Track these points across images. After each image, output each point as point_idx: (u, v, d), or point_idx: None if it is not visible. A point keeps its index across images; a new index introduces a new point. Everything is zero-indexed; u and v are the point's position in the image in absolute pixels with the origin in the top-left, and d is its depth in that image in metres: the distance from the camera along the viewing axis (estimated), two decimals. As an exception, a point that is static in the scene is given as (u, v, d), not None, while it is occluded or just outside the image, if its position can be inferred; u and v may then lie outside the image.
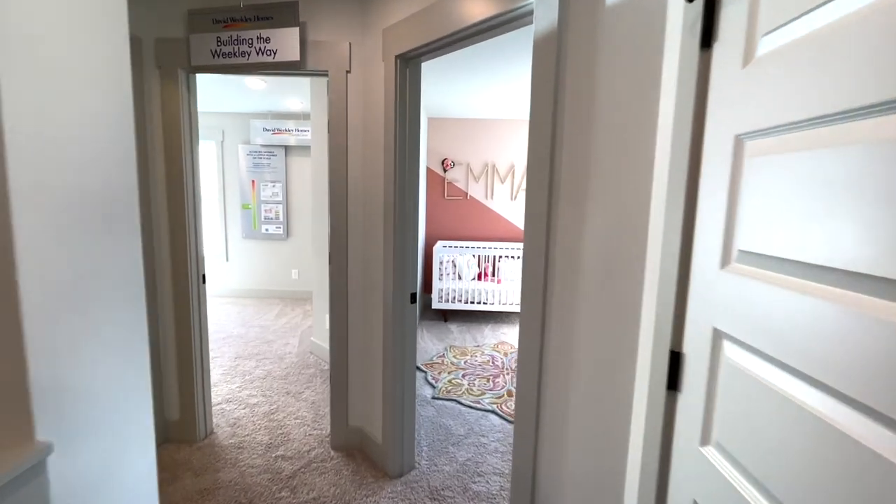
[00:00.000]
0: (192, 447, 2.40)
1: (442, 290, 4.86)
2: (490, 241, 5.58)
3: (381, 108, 2.06)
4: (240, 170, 5.56)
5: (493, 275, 5.42)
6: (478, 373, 3.53)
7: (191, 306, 2.35)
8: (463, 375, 3.46)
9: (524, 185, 5.75)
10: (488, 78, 3.60)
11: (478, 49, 3.04)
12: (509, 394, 3.15)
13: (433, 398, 3.09)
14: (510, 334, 4.56)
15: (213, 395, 3.04)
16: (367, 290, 2.28)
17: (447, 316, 4.97)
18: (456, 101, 4.54)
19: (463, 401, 3.04)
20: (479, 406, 2.97)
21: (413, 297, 2.20)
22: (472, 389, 3.22)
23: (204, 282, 2.46)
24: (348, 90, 2.18)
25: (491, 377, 3.44)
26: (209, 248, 5.83)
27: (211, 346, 3.99)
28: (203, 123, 5.51)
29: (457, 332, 4.57)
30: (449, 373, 3.52)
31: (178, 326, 2.37)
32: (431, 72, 3.52)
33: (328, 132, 2.21)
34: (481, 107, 4.79)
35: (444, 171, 5.53)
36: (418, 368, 3.59)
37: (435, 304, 4.87)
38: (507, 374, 3.52)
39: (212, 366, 3.55)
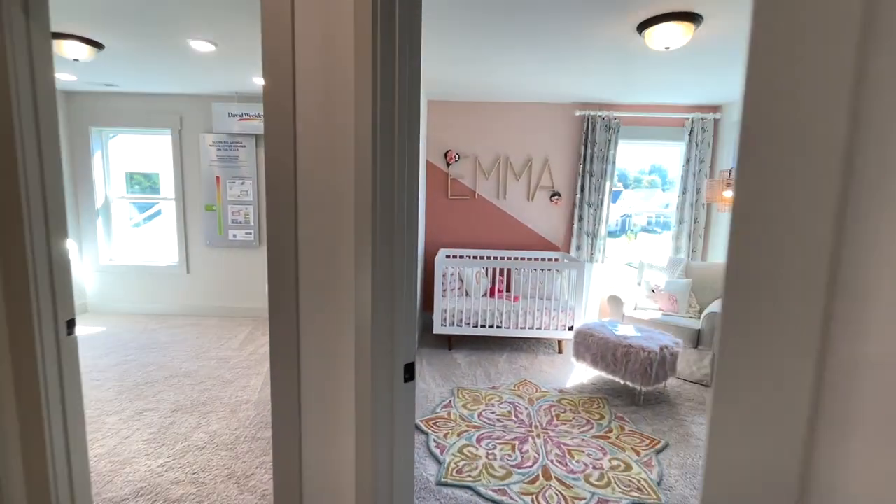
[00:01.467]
0: None
1: (446, 310, 3.94)
2: (503, 250, 4.67)
3: (349, 40, 1.13)
4: (201, 164, 4.62)
5: (508, 290, 4.50)
6: (498, 434, 2.61)
7: (39, 374, 1.42)
8: (478, 440, 2.54)
9: (543, 182, 4.86)
10: (506, 47, 2.69)
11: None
12: (547, 474, 2.23)
13: (439, 483, 2.17)
14: (532, 369, 3.64)
15: (121, 481, 2.11)
16: (332, 358, 1.35)
17: (452, 342, 4.05)
18: (462, 79, 3.63)
19: (481, 489, 2.11)
20: (506, 501, 2.05)
21: (409, 371, 1.28)
22: (491, 466, 2.30)
23: (71, 331, 1.53)
24: (295, 16, 1.25)
25: (517, 442, 2.53)
26: (167, 258, 4.89)
27: (147, 391, 3.05)
28: (154, 108, 4.56)
29: (465, 366, 3.65)
30: (459, 434, 2.59)
31: (22, 412, 1.43)
32: (432, 40, 2.59)
33: (264, 90, 1.27)
34: (493, 86, 3.88)
35: (448, 164, 4.61)
36: (417, 428, 2.67)
37: (437, 329, 3.95)
38: (538, 436, 2.60)
39: (138, 426, 2.61)
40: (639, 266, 4.32)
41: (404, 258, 1.22)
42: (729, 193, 3.82)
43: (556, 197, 4.59)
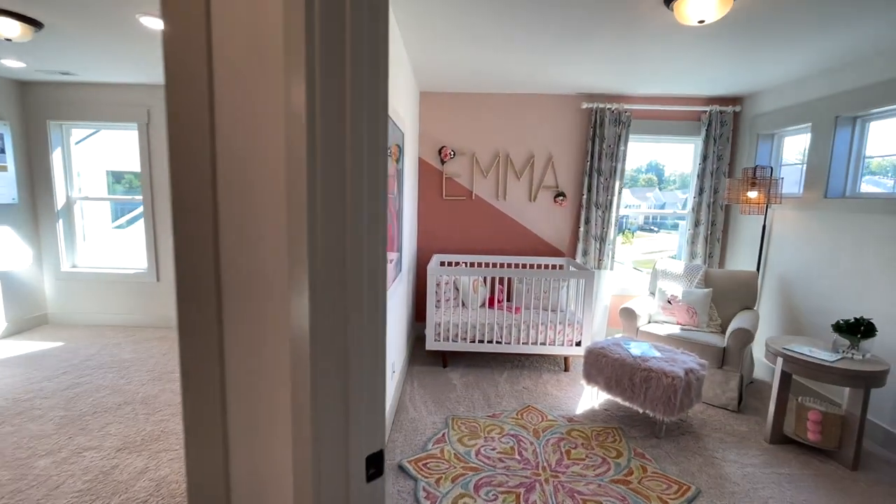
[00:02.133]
0: None
1: (440, 323, 3.54)
2: (503, 255, 4.27)
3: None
4: (171, 161, 4.20)
5: (509, 300, 4.11)
6: (500, 478, 2.21)
7: None
8: (476, 487, 2.15)
9: (546, 182, 4.46)
10: (517, 25, 2.29)
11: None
12: (559, 537, 1.84)
13: (428, 551, 1.77)
14: (536, 391, 3.25)
15: (33, 553, 1.71)
16: (258, 435, 0.94)
17: (447, 359, 3.65)
18: (458, 67, 3.23)
19: (481, 559, 1.72)
20: (510, 576, 1.66)
21: (375, 464, 0.87)
22: (493, 524, 1.90)
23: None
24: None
25: (522, 490, 2.13)
26: (135, 264, 4.46)
27: (93, 423, 2.64)
28: (119, 100, 4.14)
29: (461, 388, 3.25)
30: (453, 480, 2.20)
31: None
32: (422, 25, 2.19)
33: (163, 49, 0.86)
34: (492, 75, 3.48)
35: (443, 162, 4.21)
36: (402, 470, 2.27)
37: (430, 345, 3.55)
38: (547, 480, 2.21)
39: (72, 472, 2.20)
40: (652, 274, 3.94)
41: (363, 286, 0.81)
42: (753, 193, 3.44)
43: (561, 198, 4.20)
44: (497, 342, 3.57)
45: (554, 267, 4.30)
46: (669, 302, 3.54)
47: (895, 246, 2.62)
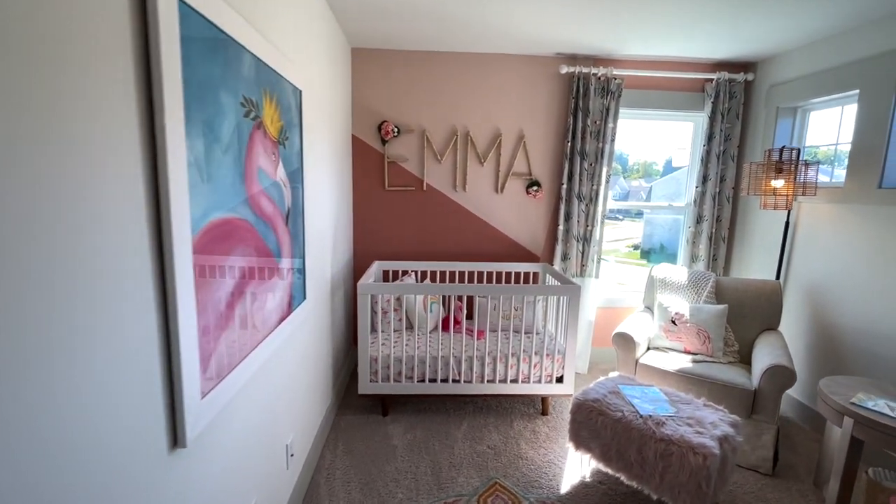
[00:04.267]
0: None
1: (377, 358, 2.62)
2: (463, 262, 3.37)
3: None
4: None
5: (470, 319, 3.22)
6: None
7: None
8: None
9: (517, 168, 3.53)
10: None
11: None
12: None
13: None
14: (506, 452, 2.38)
15: None
16: None
17: (388, 406, 2.73)
18: (399, 11, 2.27)
19: None
20: None
21: None
22: None
23: None
24: None
25: None
26: None
27: None
28: None
29: (404, 453, 2.35)
30: None
31: None
32: None
33: None
34: (446, 28, 2.54)
35: (384, 142, 3.24)
36: None
37: (364, 387, 2.63)
38: None
39: None
40: (647, 283, 3.14)
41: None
42: (779, 182, 2.67)
43: (535, 188, 3.33)
44: (454, 381, 2.69)
45: (527, 276, 3.44)
46: (674, 322, 2.75)
47: None
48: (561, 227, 3.31)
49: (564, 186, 3.25)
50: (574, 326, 2.67)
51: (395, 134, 3.20)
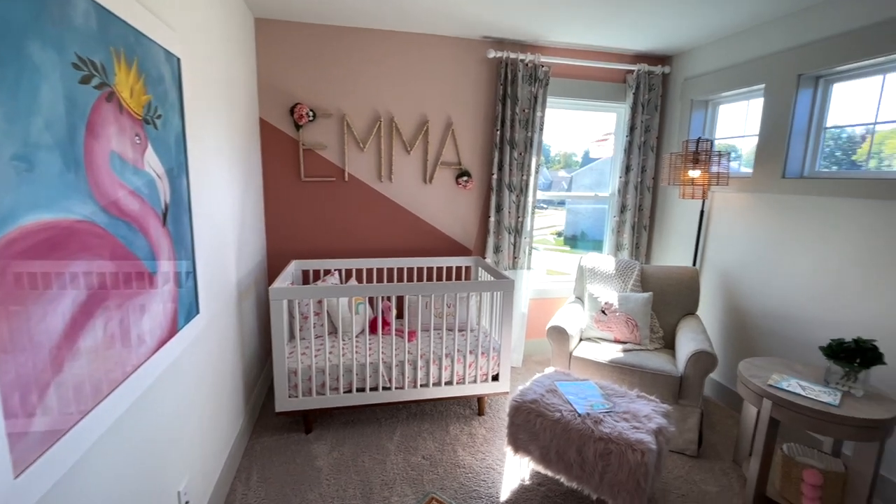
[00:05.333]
0: None
1: (296, 370, 2.33)
2: (391, 258, 3.15)
3: None
4: None
5: (400, 318, 3.01)
6: None
7: None
8: None
9: (446, 157, 3.12)
10: None
11: None
12: None
13: None
14: (442, 461, 2.23)
15: None
16: None
17: (311, 422, 2.46)
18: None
19: None
20: None
21: None
22: None
23: None
24: None
25: None
26: None
27: None
28: None
29: (329, 474, 2.11)
30: None
31: None
32: None
33: None
34: (363, 3, 2.28)
35: (298, 127, 2.90)
36: None
37: (282, 404, 2.33)
38: None
39: None
40: (577, 273, 3.15)
41: None
42: (696, 173, 2.76)
43: (465, 178, 3.19)
44: (385, 388, 2.48)
45: (459, 271, 3.31)
46: (604, 312, 2.77)
47: (873, 237, 2.06)
48: (492, 219, 3.20)
49: (495, 176, 3.14)
50: (509, 322, 2.57)
51: (311, 118, 2.87)
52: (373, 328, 2.83)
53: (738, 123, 2.99)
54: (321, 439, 2.38)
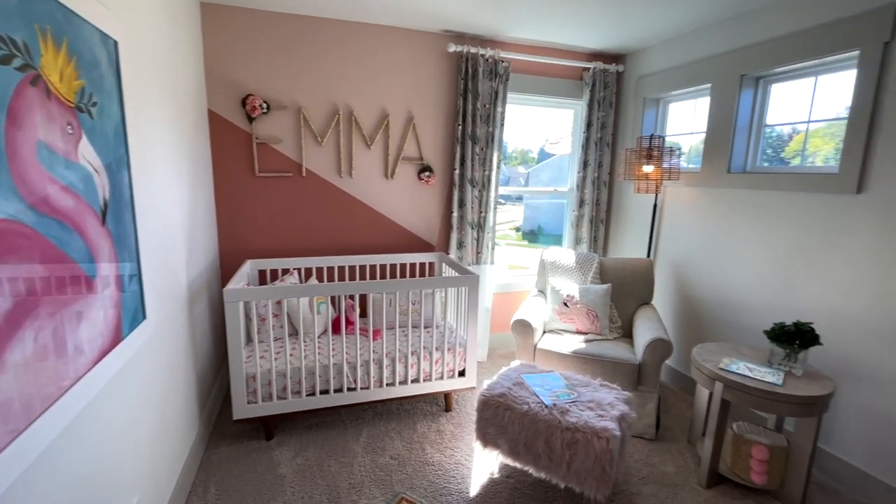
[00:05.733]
0: None
1: (255, 375, 2.22)
2: (353, 255, 3.07)
3: None
4: None
5: (363, 317, 2.95)
6: None
7: None
8: None
9: (407, 153, 2.93)
10: None
11: None
12: None
13: None
14: (411, 460, 2.20)
15: None
16: None
17: (272, 428, 2.35)
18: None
19: None
20: None
21: None
22: None
23: None
24: None
25: None
26: None
27: None
28: None
29: (294, 480, 2.03)
30: None
31: None
32: None
33: None
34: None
35: (250, 119, 2.76)
36: None
37: (240, 411, 2.21)
38: None
39: None
40: (539, 267, 3.20)
41: None
42: (650, 168, 2.88)
43: (427, 174, 3.15)
44: (350, 389, 2.42)
45: (423, 267, 3.28)
46: (566, 304, 2.83)
47: (805, 227, 2.23)
48: (455, 214, 3.19)
49: (457, 172, 3.13)
50: (474, 317, 2.57)
51: (265, 110, 2.74)
52: (336, 328, 2.75)
53: (687, 121, 3.14)
54: (284, 445, 2.29)
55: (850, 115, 2.03)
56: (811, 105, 2.35)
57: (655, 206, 3.06)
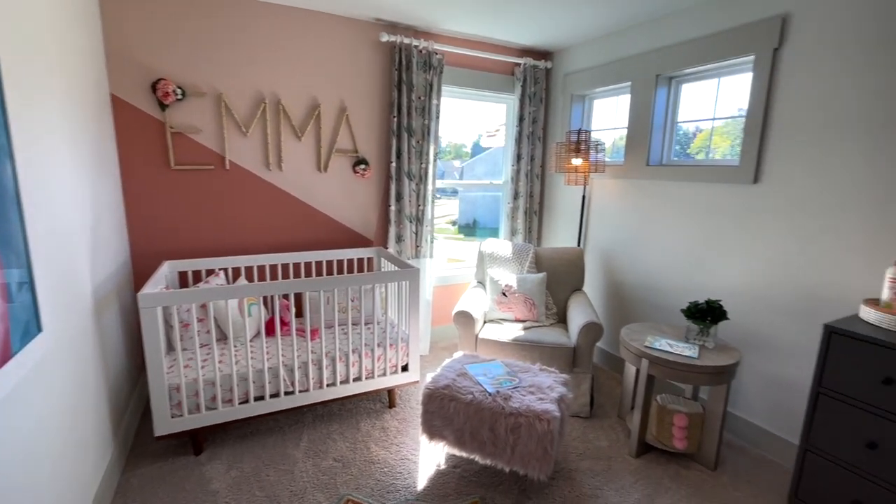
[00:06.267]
0: None
1: (181, 385, 2.04)
2: (287, 252, 2.92)
3: None
4: None
5: (300, 317, 2.82)
6: None
7: None
8: None
9: (341, 145, 2.86)
10: None
11: None
12: None
13: None
14: (355, 461, 2.15)
15: None
16: None
17: (201, 442, 2.18)
18: None
19: None
20: None
21: None
22: None
23: None
24: None
25: None
26: None
27: None
28: None
29: (227, 494, 1.89)
30: None
31: None
32: None
33: None
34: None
35: (162, 106, 2.50)
36: None
37: (162, 427, 2.02)
38: None
39: None
40: (478, 259, 3.26)
41: None
42: (578, 161, 3.02)
43: (363, 167, 3.07)
44: (287, 393, 2.30)
45: (361, 263, 3.19)
46: (504, 294, 2.90)
47: (709, 214, 2.47)
48: (393, 208, 3.14)
49: (394, 164, 3.08)
50: (416, 311, 2.56)
51: (179, 97, 2.50)
52: (269, 330, 2.60)
53: (611, 116, 3.33)
54: (215, 458, 2.13)
55: (748, 113, 2.27)
56: (715, 104, 2.60)
57: (584, 197, 3.23)
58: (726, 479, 2.09)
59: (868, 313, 1.69)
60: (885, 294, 1.68)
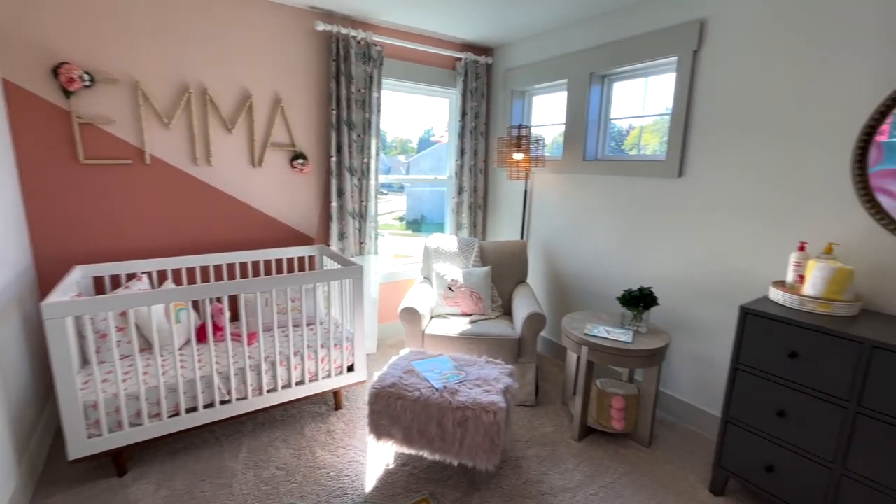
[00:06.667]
0: None
1: (98, 402, 1.85)
2: (218, 253, 2.73)
3: None
4: None
5: (235, 321, 2.65)
6: None
7: None
8: None
9: (277, 138, 2.97)
10: None
11: None
12: None
13: None
14: (300, 469, 2.06)
15: None
16: None
17: (125, 461, 1.99)
18: None
19: None
20: None
21: None
22: None
23: None
24: None
25: None
26: None
27: None
28: None
29: (157, 519, 1.75)
30: None
31: None
32: None
33: None
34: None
35: (67, 93, 2.24)
36: None
37: (77, 449, 1.82)
38: None
39: None
40: (424, 254, 3.24)
41: None
42: (520, 156, 3.08)
43: (301, 161, 2.94)
44: (224, 402, 2.16)
45: (302, 262, 3.07)
46: (451, 289, 2.91)
47: (639, 206, 2.62)
48: (334, 204, 3.04)
49: (334, 159, 2.97)
50: (360, 309, 2.50)
51: (88, 83, 2.25)
52: (201, 336, 2.43)
53: (550, 112, 3.43)
54: (142, 478, 1.95)
55: (673, 111, 2.42)
56: (644, 102, 2.75)
57: (526, 191, 3.31)
58: (659, 454, 2.23)
59: (776, 294, 1.86)
60: (790, 276, 1.86)
